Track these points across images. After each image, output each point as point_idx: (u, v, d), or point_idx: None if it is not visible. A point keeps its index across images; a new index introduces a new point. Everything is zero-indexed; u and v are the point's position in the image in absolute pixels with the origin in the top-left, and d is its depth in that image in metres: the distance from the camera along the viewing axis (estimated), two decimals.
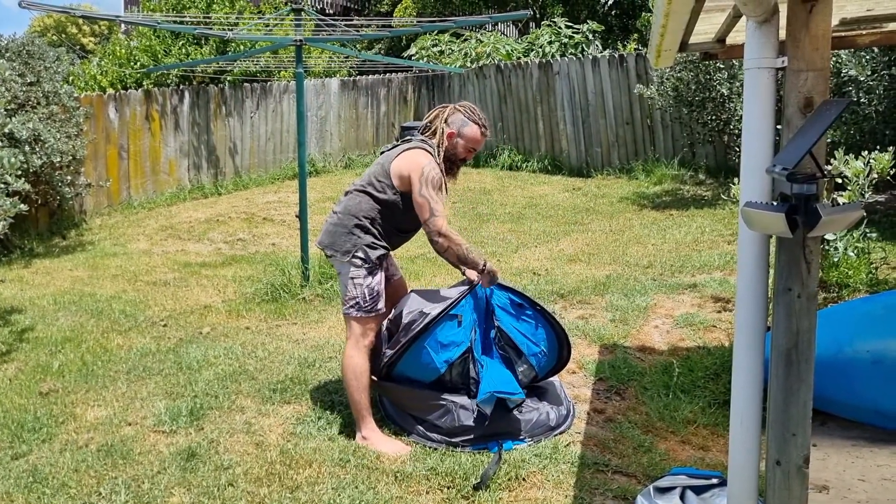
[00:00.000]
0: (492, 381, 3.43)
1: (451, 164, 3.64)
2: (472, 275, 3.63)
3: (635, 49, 12.52)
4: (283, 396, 4.02)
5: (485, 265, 3.50)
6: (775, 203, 1.84)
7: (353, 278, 3.51)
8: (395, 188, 3.52)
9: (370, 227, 3.54)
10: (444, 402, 3.49)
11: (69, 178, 8.79)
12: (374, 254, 3.53)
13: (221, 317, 5.61)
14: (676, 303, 5.47)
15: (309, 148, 12.62)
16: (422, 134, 3.65)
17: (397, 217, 3.58)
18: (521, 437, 3.49)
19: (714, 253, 6.80)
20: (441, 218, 3.41)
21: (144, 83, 11.14)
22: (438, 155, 3.56)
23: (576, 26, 14.06)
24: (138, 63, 11.41)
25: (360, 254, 3.51)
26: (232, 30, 7.52)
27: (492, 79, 13.22)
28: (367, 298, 3.50)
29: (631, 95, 11.23)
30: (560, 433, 3.56)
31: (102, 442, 3.56)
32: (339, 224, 3.57)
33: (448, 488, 3.09)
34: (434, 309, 3.49)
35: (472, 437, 3.44)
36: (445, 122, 3.61)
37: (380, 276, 3.56)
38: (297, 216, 6.41)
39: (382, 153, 3.72)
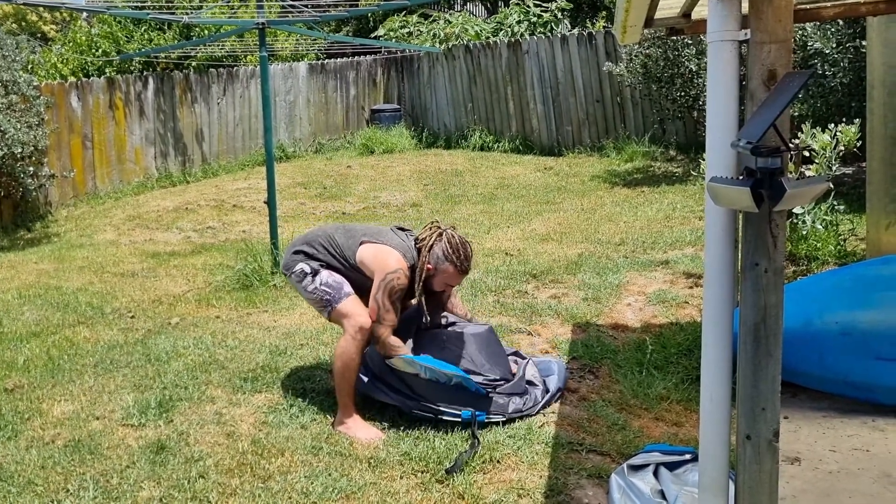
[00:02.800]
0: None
1: (429, 292, 3.61)
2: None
3: (604, 27, 12.49)
4: (255, 385, 3.97)
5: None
6: (741, 178, 1.82)
7: (305, 287, 3.59)
8: (356, 269, 3.56)
9: (325, 267, 3.60)
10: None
11: (32, 169, 8.61)
12: (313, 263, 3.60)
13: (191, 307, 5.53)
14: (649, 280, 5.48)
15: (278, 133, 12.48)
16: (415, 244, 3.59)
17: (345, 273, 3.60)
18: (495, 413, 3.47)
19: (685, 229, 6.83)
20: (384, 327, 3.42)
21: (107, 70, 10.93)
22: (419, 284, 3.51)
23: (544, 4, 13.99)
24: (100, 50, 11.19)
25: (298, 269, 3.61)
26: (189, 14, 7.36)
27: (461, 59, 13.13)
28: (329, 290, 3.53)
29: (600, 73, 11.21)
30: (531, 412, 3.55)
31: (69, 437, 3.49)
32: (296, 252, 3.67)
33: (422, 472, 3.08)
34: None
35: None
36: (429, 250, 3.51)
37: (327, 272, 3.58)
38: (265, 203, 6.33)
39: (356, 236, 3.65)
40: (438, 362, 3.46)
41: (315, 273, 3.57)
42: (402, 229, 3.70)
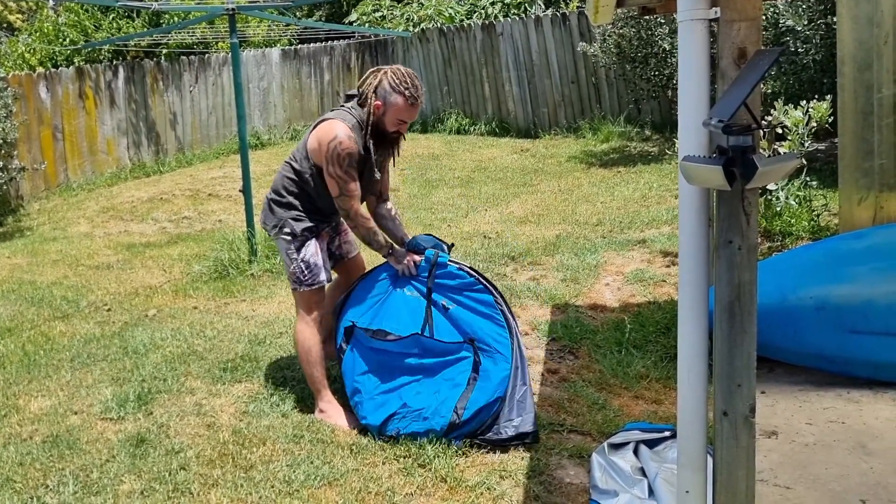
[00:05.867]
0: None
1: (383, 137, 3.36)
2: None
3: (577, 7, 12.47)
4: (234, 375, 3.95)
5: (387, 255, 3.39)
6: (713, 156, 1.83)
7: (287, 253, 3.47)
8: (310, 161, 3.37)
9: (292, 201, 3.44)
10: None
11: (1, 162, 8.46)
12: (299, 226, 3.44)
13: (168, 298, 5.48)
14: (626, 259, 5.51)
15: (252, 120, 12.37)
16: (358, 102, 3.38)
17: (312, 194, 3.42)
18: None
19: (662, 208, 6.87)
20: (352, 199, 3.28)
21: (76, 60, 10.74)
22: (367, 127, 3.31)
23: None
24: (68, 40, 10.99)
25: (286, 228, 3.45)
26: (159, 1, 7.25)
27: (435, 43, 13.06)
28: (305, 272, 3.44)
29: (575, 54, 11.20)
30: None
31: (48, 433, 3.45)
32: (267, 200, 3.53)
33: (404, 458, 3.08)
34: None
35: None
36: (374, 91, 3.27)
37: (314, 248, 3.46)
38: (241, 191, 6.28)
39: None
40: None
41: (302, 244, 3.43)
42: (350, 97, 3.48)
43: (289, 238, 3.45)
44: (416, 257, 3.37)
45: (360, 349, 3.35)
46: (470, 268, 3.41)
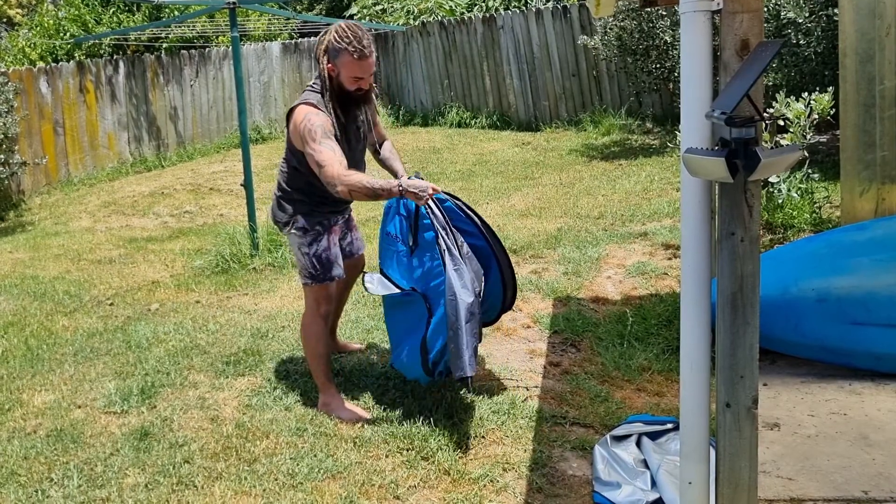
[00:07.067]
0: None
1: (348, 99, 3.25)
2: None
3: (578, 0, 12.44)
4: (237, 369, 3.96)
5: (400, 188, 3.09)
6: (715, 148, 1.83)
7: (299, 248, 3.43)
8: (296, 152, 3.31)
9: (298, 196, 3.40)
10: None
11: (2, 157, 8.46)
12: (310, 220, 3.40)
13: (170, 292, 5.49)
14: (628, 252, 5.51)
15: (253, 114, 12.36)
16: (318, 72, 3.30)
17: (314, 183, 3.30)
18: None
19: (663, 201, 6.86)
20: (331, 166, 3.06)
21: (76, 55, 10.73)
22: (327, 93, 3.21)
23: None
24: (68, 34, 10.98)
25: (297, 223, 3.41)
26: None
27: (436, 36, 13.04)
28: (318, 266, 3.41)
29: (576, 47, 11.17)
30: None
31: (51, 427, 3.46)
32: (274, 198, 3.50)
33: (407, 450, 3.09)
34: None
35: None
36: (324, 54, 3.18)
37: (327, 243, 3.43)
38: (242, 185, 6.28)
39: None
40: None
41: (314, 239, 3.38)
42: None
43: (301, 233, 3.40)
44: (429, 184, 3.17)
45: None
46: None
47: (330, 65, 3.20)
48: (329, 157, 3.09)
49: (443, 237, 3.21)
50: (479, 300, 3.22)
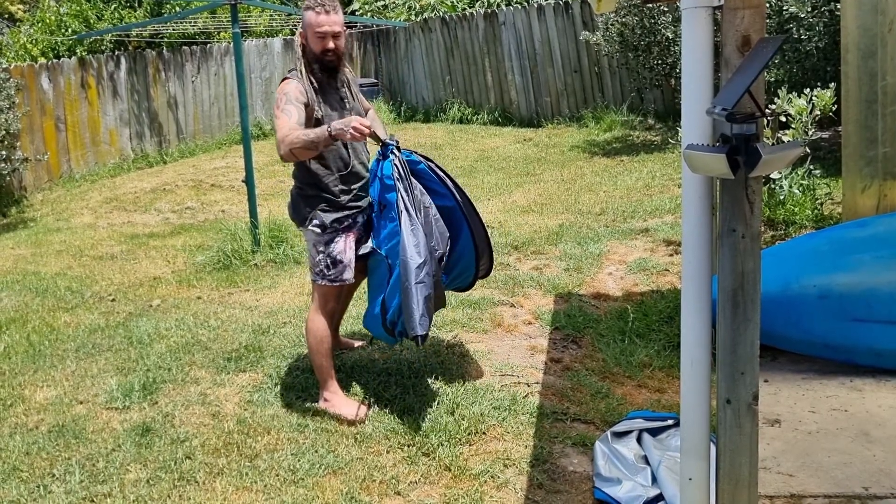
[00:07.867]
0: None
1: (324, 66, 3.29)
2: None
3: None
4: (239, 365, 3.96)
5: (329, 130, 3.04)
6: (716, 145, 1.83)
7: (314, 245, 3.40)
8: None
9: (314, 192, 3.37)
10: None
11: (4, 153, 8.47)
12: (329, 217, 3.35)
13: (172, 288, 5.50)
14: (629, 248, 5.51)
15: (254, 111, 12.35)
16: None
17: (327, 167, 3.32)
18: None
19: (665, 197, 6.86)
20: (280, 130, 3.10)
21: (78, 51, 10.72)
22: (300, 62, 3.29)
23: None
24: (69, 30, 10.97)
25: (315, 220, 3.36)
26: None
27: (437, 32, 13.02)
28: (331, 267, 3.37)
29: (578, 43, 11.16)
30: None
31: (53, 423, 3.47)
32: (292, 195, 3.48)
33: (408, 446, 3.10)
34: None
35: None
36: (300, 29, 3.31)
37: (343, 245, 3.38)
38: (243, 182, 6.28)
39: None
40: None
41: (331, 239, 3.36)
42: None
43: (318, 231, 3.37)
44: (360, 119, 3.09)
45: None
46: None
47: (301, 31, 3.32)
48: (283, 122, 3.14)
49: (402, 197, 3.23)
50: (433, 261, 3.24)
